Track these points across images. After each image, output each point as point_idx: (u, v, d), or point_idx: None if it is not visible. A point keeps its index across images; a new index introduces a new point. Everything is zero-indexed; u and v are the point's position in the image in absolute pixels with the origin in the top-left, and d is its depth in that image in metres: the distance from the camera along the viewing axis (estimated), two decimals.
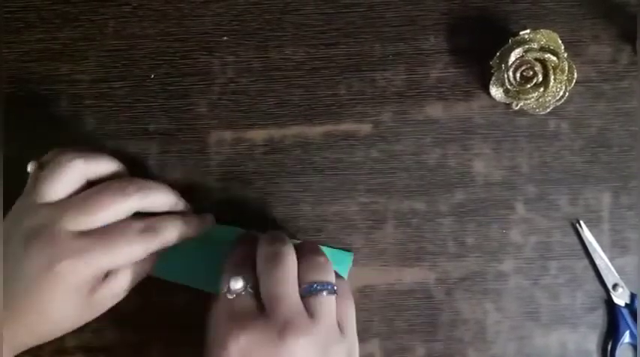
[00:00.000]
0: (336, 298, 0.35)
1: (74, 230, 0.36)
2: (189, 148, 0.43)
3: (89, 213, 0.36)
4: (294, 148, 0.43)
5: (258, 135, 0.43)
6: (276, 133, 0.43)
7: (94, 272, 0.36)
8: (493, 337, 0.42)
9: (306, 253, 0.36)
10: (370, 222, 0.42)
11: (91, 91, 0.43)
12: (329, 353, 0.33)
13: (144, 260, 0.38)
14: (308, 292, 0.34)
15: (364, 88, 0.42)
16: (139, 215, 0.38)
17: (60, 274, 0.35)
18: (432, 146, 0.42)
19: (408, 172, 0.42)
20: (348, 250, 0.42)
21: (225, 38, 0.43)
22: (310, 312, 0.34)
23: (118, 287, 0.38)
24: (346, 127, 0.43)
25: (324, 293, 0.34)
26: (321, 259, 0.36)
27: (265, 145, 0.43)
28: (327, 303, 0.34)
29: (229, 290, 0.34)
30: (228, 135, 0.43)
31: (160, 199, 0.39)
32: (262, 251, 0.36)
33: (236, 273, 0.35)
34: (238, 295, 0.34)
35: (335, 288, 0.35)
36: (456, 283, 0.42)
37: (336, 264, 0.41)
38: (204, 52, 0.43)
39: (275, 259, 0.35)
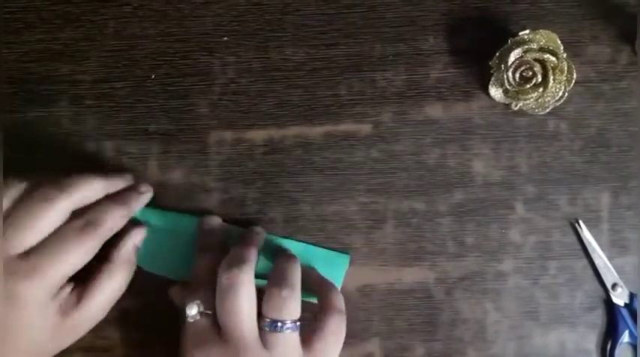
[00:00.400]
0: (318, 316, 0.36)
1: (20, 252, 0.35)
2: (189, 148, 0.43)
3: (24, 230, 0.35)
4: (294, 148, 0.43)
5: (258, 135, 0.43)
6: (276, 133, 0.43)
7: (52, 287, 0.35)
8: (492, 337, 0.42)
9: (273, 278, 0.37)
10: (370, 222, 0.42)
11: (91, 91, 0.43)
12: None
13: (118, 276, 0.38)
14: (266, 324, 0.35)
15: (364, 88, 0.43)
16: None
17: (19, 299, 0.34)
18: (431, 146, 0.42)
19: (407, 172, 0.42)
20: (345, 252, 0.42)
21: (225, 39, 0.43)
22: (266, 344, 0.35)
23: (95, 306, 0.37)
24: (346, 127, 0.43)
25: (286, 332, 0.35)
26: (285, 292, 0.36)
27: (265, 145, 0.43)
28: (285, 339, 0.35)
29: (187, 315, 0.36)
30: (228, 135, 0.43)
31: (89, 189, 0.37)
32: (220, 277, 0.36)
33: (192, 297, 0.36)
34: (194, 318, 0.36)
35: (298, 325, 0.36)
36: (456, 283, 0.42)
37: (332, 267, 0.41)
38: (205, 53, 0.43)
39: (229, 289, 0.35)
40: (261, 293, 0.36)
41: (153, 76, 0.43)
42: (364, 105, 0.43)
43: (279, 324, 0.35)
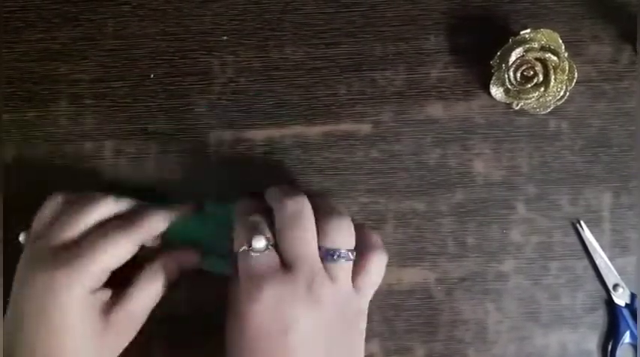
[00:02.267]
0: (359, 257, 0.36)
1: (58, 244, 0.36)
2: (188, 148, 0.43)
3: (67, 226, 0.37)
4: (294, 148, 0.42)
5: (258, 135, 0.42)
6: (275, 133, 0.42)
7: (92, 279, 0.36)
8: (493, 338, 0.42)
9: (326, 210, 0.36)
10: (370, 222, 0.42)
11: (90, 90, 0.43)
12: (346, 314, 0.35)
13: (158, 278, 0.38)
14: (325, 257, 0.35)
15: (364, 87, 0.42)
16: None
17: (60, 288, 0.35)
18: (432, 146, 0.42)
19: (408, 172, 0.42)
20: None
21: (224, 38, 0.43)
22: (330, 274, 0.35)
23: (135, 307, 0.37)
24: (346, 127, 0.42)
25: (341, 261, 0.35)
26: (344, 222, 0.36)
27: (265, 145, 0.42)
28: (342, 269, 0.35)
29: (253, 249, 0.34)
30: (227, 135, 0.42)
31: (150, 223, 0.38)
32: (282, 208, 0.35)
33: (256, 231, 0.35)
34: (261, 252, 0.34)
35: (352, 255, 0.35)
36: (456, 284, 0.42)
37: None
38: (204, 52, 0.43)
39: (295, 217, 0.35)
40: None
41: (152, 76, 0.43)
42: (364, 104, 0.42)
43: (335, 254, 0.35)
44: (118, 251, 0.37)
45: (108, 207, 0.38)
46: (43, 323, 0.35)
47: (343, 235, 0.36)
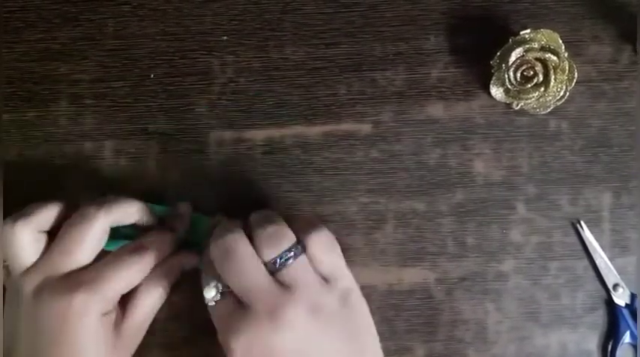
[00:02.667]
0: (309, 250, 0.35)
1: (69, 271, 0.36)
2: (188, 147, 0.43)
3: (72, 251, 0.36)
4: (294, 148, 0.42)
5: (258, 135, 0.42)
6: (275, 133, 0.42)
7: (108, 301, 0.36)
8: (493, 338, 0.42)
9: (255, 226, 0.36)
10: (370, 222, 0.42)
11: (90, 90, 0.43)
12: (320, 310, 0.34)
13: (160, 285, 0.39)
14: (273, 268, 0.34)
15: (364, 87, 0.42)
16: None
17: (80, 309, 0.35)
18: (432, 146, 0.42)
19: (408, 172, 0.42)
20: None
21: (224, 38, 0.43)
22: (285, 285, 0.34)
23: (141, 316, 0.38)
24: (346, 127, 0.42)
25: (290, 261, 0.34)
26: (271, 228, 0.35)
27: (265, 145, 0.42)
28: (296, 268, 0.34)
29: (207, 300, 0.35)
30: (227, 135, 0.42)
31: (126, 208, 0.38)
32: (212, 251, 0.35)
33: (207, 281, 0.36)
34: (217, 300, 0.35)
35: (299, 248, 0.35)
36: (456, 284, 0.42)
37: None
38: (204, 52, 0.43)
39: (226, 254, 0.34)
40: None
41: (152, 76, 0.43)
42: (364, 104, 0.42)
43: (280, 258, 0.34)
44: (132, 277, 0.37)
45: (103, 222, 0.37)
46: (59, 350, 0.35)
47: (278, 238, 0.35)
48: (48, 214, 0.38)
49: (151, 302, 0.39)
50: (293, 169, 0.42)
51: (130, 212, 0.38)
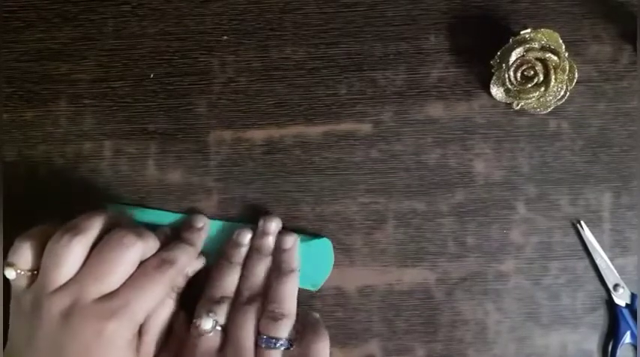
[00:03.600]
0: (301, 344, 0.38)
1: (100, 296, 0.35)
2: (188, 147, 0.42)
3: (105, 278, 0.35)
4: (294, 148, 0.42)
5: (258, 135, 0.42)
6: (275, 133, 0.42)
7: (137, 325, 0.36)
8: (493, 338, 0.42)
9: (270, 302, 0.39)
10: (370, 222, 0.42)
11: (90, 90, 0.43)
12: None
13: (168, 299, 0.39)
14: (263, 343, 0.38)
15: (364, 87, 0.42)
16: None
17: (110, 338, 0.35)
18: (432, 146, 0.42)
19: (408, 172, 0.42)
20: (322, 237, 0.42)
21: (224, 37, 0.43)
22: None
23: (157, 331, 0.39)
24: (346, 127, 0.42)
25: (279, 348, 0.38)
26: (281, 311, 0.39)
27: (265, 145, 0.42)
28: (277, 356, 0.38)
29: (199, 327, 0.38)
30: (227, 135, 0.42)
31: (153, 241, 0.38)
32: (239, 297, 0.39)
33: (205, 312, 0.38)
34: (206, 333, 0.38)
35: (289, 344, 0.38)
36: (457, 284, 0.42)
37: (318, 257, 0.41)
38: (204, 52, 0.43)
39: (247, 308, 0.39)
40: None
41: (152, 76, 0.43)
42: (364, 104, 0.42)
43: (274, 341, 0.38)
44: (159, 295, 0.37)
45: (139, 251, 0.37)
46: None
47: (285, 326, 0.38)
48: (98, 229, 0.37)
49: (164, 316, 0.39)
50: (293, 169, 0.42)
51: (152, 247, 0.38)
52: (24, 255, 0.36)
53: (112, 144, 0.43)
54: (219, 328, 0.38)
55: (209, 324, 0.37)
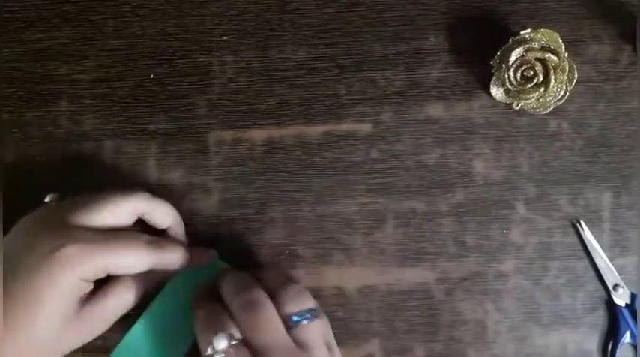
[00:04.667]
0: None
1: (83, 224, 0.36)
2: (188, 147, 0.43)
3: (97, 210, 0.36)
4: (294, 148, 0.42)
5: (258, 135, 0.42)
6: (275, 133, 0.42)
7: (95, 269, 0.35)
8: (493, 338, 0.42)
9: (278, 282, 0.36)
10: (370, 222, 0.42)
11: (90, 90, 0.43)
12: None
13: (136, 288, 0.38)
14: (292, 324, 0.34)
15: (364, 87, 0.42)
16: None
17: (63, 259, 0.34)
18: (432, 146, 0.42)
19: (408, 172, 0.42)
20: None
21: (224, 38, 0.43)
22: (299, 344, 0.34)
23: (110, 308, 0.37)
24: (346, 126, 0.42)
25: (307, 321, 0.35)
26: (295, 286, 0.36)
27: (265, 145, 0.42)
28: (312, 330, 0.35)
29: (216, 351, 0.33)
30: (227, 135, 0.42)
31: (164, 208, 0.38)
32: (235, 302, 0.35)
33: (214, 331, 0.34)
34: (226, 351, 0.34)
35: (317, 311, 0.35)
36: (456, 284, 0.42)
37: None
38: (204, 52, 0.43)
39: (252, 307, 0.34)
40: None
41: (152, 76, 0.43)
42: (364, 104, 0.42)
43: (300, 316, 0.35)
44: (134, 263, 0.36)
45: (141, 205, 0.37)
46: (30, 282, 0.34)
47: (301, 297, 0.35)
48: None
49: (125, 298, 0.37)
50: (293, 169, 0.42)
51: (160, 212, 0.39)
52: None
53: (113, 144, 0.43)
54: (235, 341, 0.34)
55: (223, 341, 0.34)
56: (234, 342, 0.34)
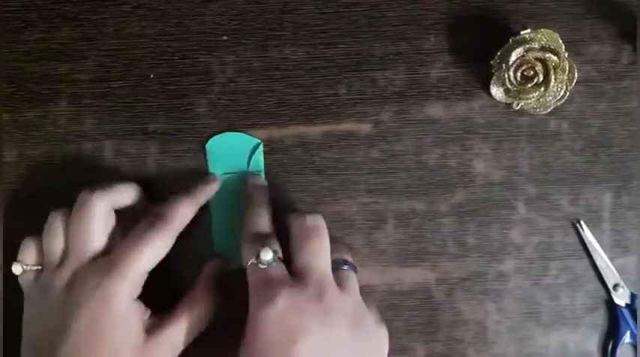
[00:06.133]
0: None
1: (95, 257, 0.36)
2: (188, 147, 0.42)
3: (85, 237, 0.36)
4: (294, 148, 0.42)
5: (258, 135, 0.42)
6: (276, 133, 0.42)
7: (131, 283, 0.35)
8: (493, 338, 0.42)
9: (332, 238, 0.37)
10: (370, 222, 0.42)
11: (90, 90, 0.43)
12: (361, 325, 0.35)
13: (202, 312, 0.38)
14: (337, 266, 0.37)
15: (364, 87, 0.42)
16: None
17: (110, 295, 0.34)
18: (432, 146, 0.42)
19: (408, 172, 0.42)
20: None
21: (224, 38, 0.43)
22: (338, 283, 0.36)
23: (177, 333, 0.37)
24: (346, 126, 0.42)
25: (350, 270, 0.37)
26: (343, 245, 0.40)
27: (265, 145, 0.42)
28: (353, 279, 0.37)
29: (260, 261, 0.35)
30: None
31: (126, 189, 0.39)
32: (302, 222, 0.37)
33: (262, 243, 0.35)
34: (269, 264, 0.35)
35: (354, 266, 0.38)
36: (457, 284, 0.42)
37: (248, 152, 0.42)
38: (204, 52, 0.43)
39: (315, 232, 0.36)
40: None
41: (152, 76, 0.43)
42: (364, 104, 0.42)
43: (346, 264, 0.38)
44: (155, 252, 0.36)
45: (101, 203, 0.37)
46: (93, 334, 0.34)
47: (347, 251, 0.40)
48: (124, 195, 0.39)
49: (191, 325, 0.37)
50: (293, 169, 0.42)
51: (125, 193, 0.39)
52: (29, 251, 0.38)
53: (113, 144, 0.43)
54: (279, 258, 0.36)
55: (269, 254, 0.35)
56: (278, 257, 0.36)
